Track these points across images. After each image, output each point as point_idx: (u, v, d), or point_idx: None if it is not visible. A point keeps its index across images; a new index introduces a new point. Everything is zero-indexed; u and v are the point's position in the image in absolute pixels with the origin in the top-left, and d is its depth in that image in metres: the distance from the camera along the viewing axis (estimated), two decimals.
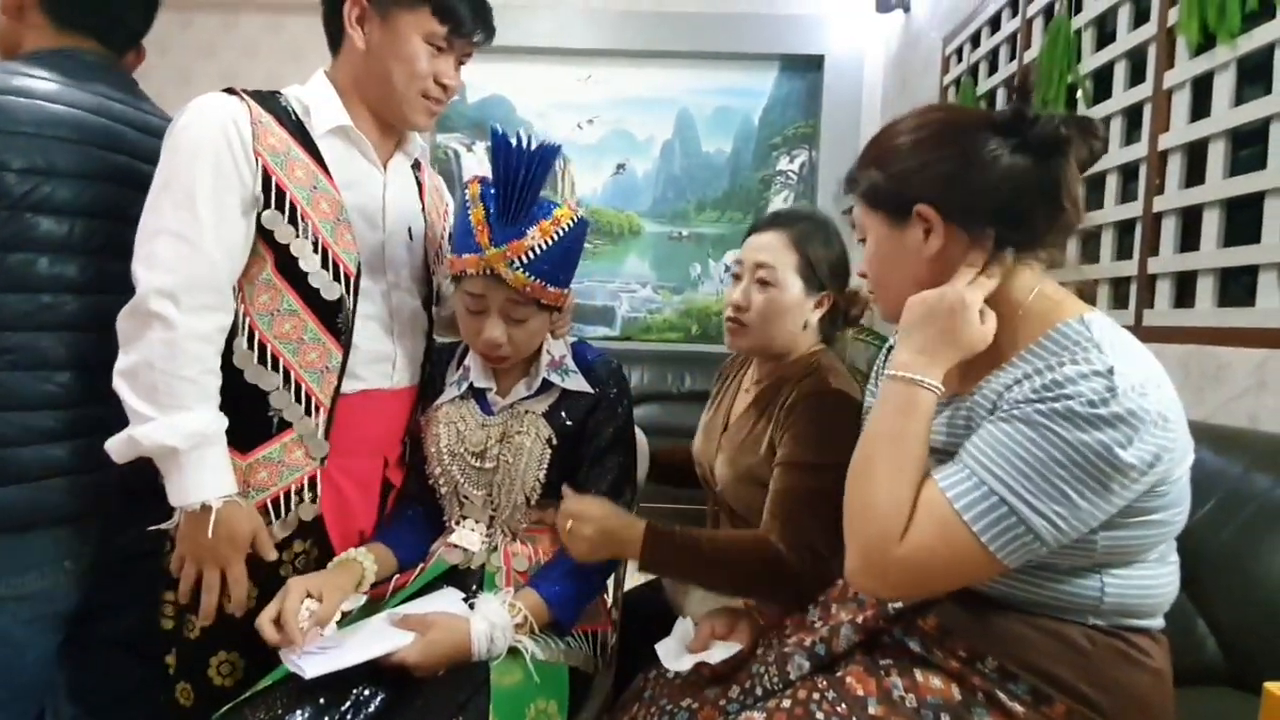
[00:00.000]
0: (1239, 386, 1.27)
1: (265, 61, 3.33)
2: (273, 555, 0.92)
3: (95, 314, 0.91)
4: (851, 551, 0.71)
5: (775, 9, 3.32)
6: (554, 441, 1.03)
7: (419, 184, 1.14)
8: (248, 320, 0.92)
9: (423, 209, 1.12)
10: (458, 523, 1.05)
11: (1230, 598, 0.92)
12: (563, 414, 1.04)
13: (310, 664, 0.79)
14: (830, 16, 3.30)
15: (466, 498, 1.04)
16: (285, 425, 0.94)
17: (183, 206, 0.86)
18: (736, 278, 1.10)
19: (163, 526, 0.90)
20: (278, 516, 0.94)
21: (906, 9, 3.04)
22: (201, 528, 0.86)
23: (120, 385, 0.85)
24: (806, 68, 3.39)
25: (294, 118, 0.96)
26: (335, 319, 0.95)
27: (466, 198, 0.97)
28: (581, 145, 3.50)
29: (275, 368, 0.93)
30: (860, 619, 0.80)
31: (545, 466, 1.02)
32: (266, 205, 0.90)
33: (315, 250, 0.93)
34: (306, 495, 0.96)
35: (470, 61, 1.04)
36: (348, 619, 0.90)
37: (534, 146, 0.92)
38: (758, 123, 3.47)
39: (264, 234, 0.91)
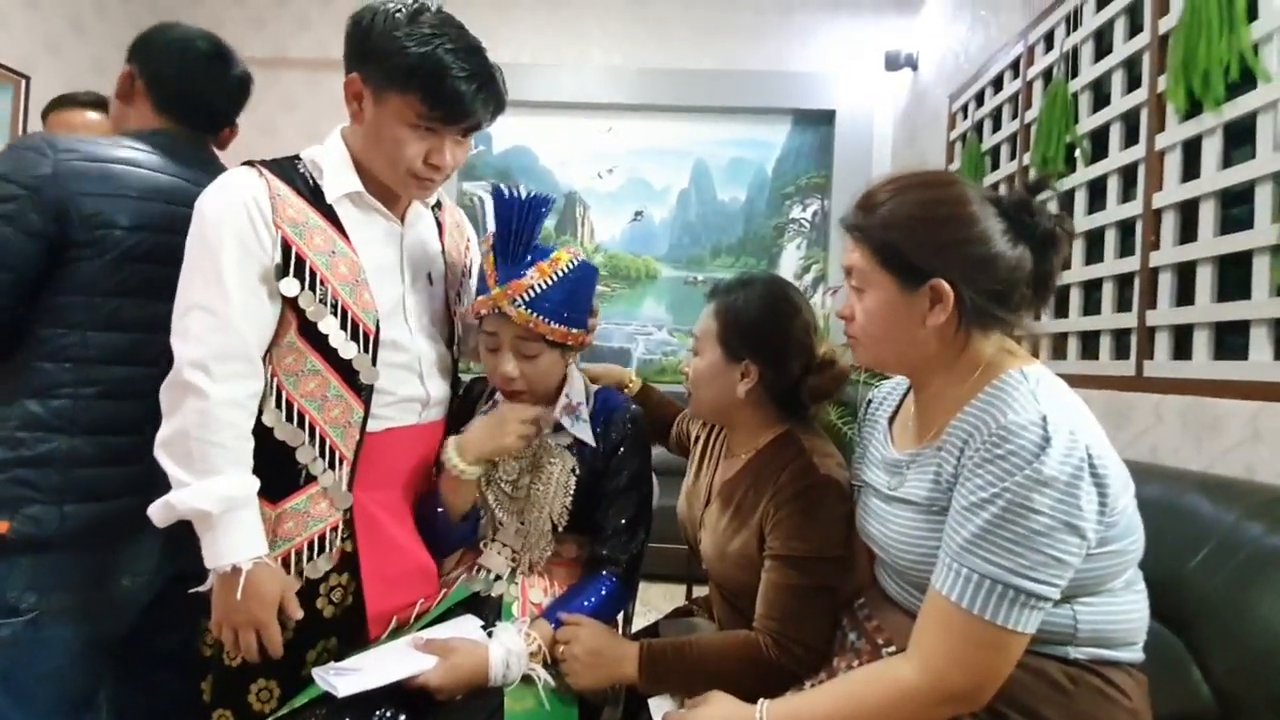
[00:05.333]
0: (1235, 437, 1.30)
1: (301, 113, 3.57)
2: (299, 614, 0.95)
3: (168, 352, 0.97)
4: None
5: (788, 66, 3.48)
6: (578, 471, 1.10)
7: (439, 224, 1.19)
8: (275, 381, 0.98)
9: (442, 249, 1.17)
10: (486, 545, 1.12)
11: (1222, 643, 0.94)
12: (585, 451, 1.12)
13: (343, 683, 0.84)
14: (841, 74, 3.44)
15: (501, 524, 1.11)
16: (312, 478, 0.99)
17: (211, 282, 0.92)
18: None
19: (199, 589, 0.94)
20: (298, 568, 0.97)
21: (914, 67, 3.18)
22: (232, 589, 0.89)
23: (160, 454, 0.90)
24: (818, 121, 3.52)
25: (311, 184, 1.01)
26: (356, 376, 1.00)
27: (482, 250, 1.07)
28: (601, 193, 3.64)
29: (301, 424, 0.98)
30: (857, 664, 0.85)
31: (571, 494, 1.09)
32: (287, 273, 0.95)
33: (335, 313, 0.98)
34: (329, 545, 0.99)
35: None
36: (376, 641, 0.95)
37: (527, 197, 1.02)
38: (771, 173, 3.59)
39: (287, 300, 0.96)
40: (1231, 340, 1.38)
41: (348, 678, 0.86)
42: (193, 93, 1.14)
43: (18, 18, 2.85)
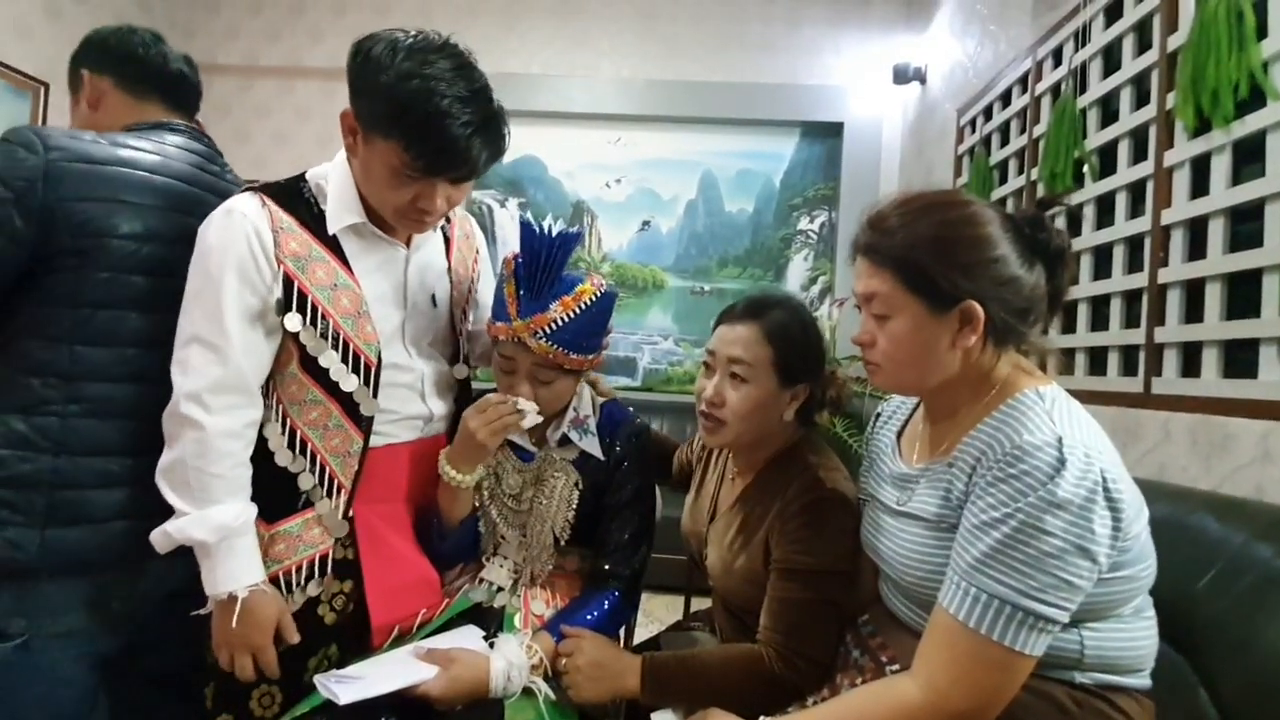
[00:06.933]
0: (1245, 456, 1.29)
1: (315, 123, 3.56)
2: (295, 639, 0.95)
3: (164, 367, 0.95)
4: None
5: (797, 79, 3.49)
6: (580, 485, 1.11)
7: (447, 238, 1.17)
8: (280, 408, 0.99)
9: (449, 266, 1.16)
10: (488, 559, 1.12)
11: (1230, 666, 0.93)
12: (590, 465, 1.12)
13: (344, 691, 0.85)
14: (849, 86, 3.45)
15: (503, 538, 1.12)
16: (310, 503, 1.00)
17: (212, 316, 0.91)
18: (708, 367, 1.07)
19: (200, 612, 0.95)
20: (288, 591, 0.98)
21: (922, 81, 3.18)
22: (229, 615, 0.90)
23: (160, 482, 0.91)
24: (826, 134, 3.53)
25: (315, 210, 1.00)
26: (357, 408, 1.00)
27: (503, 273, 1.07)
28: (609, 203, 3.66)
29: (303, 452, 0.99)
30: (860, 681, 0.84)
31: (574, 507, 1.10)
32: (289, 308, 0.95)
33: (335, 346, 0.97)
34: (317, 571, 0.99)
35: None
36: (377, 649, 0.96)
37: (555, 233, 1.01)
38: (779, 184, 3.60)
39: (288, 334, 0.96)
40: (1241, 358, 1.37)
41: (349, 685, 0.86)
42: (169, 70, 1.09)
43: (39, 27, 2.90)
